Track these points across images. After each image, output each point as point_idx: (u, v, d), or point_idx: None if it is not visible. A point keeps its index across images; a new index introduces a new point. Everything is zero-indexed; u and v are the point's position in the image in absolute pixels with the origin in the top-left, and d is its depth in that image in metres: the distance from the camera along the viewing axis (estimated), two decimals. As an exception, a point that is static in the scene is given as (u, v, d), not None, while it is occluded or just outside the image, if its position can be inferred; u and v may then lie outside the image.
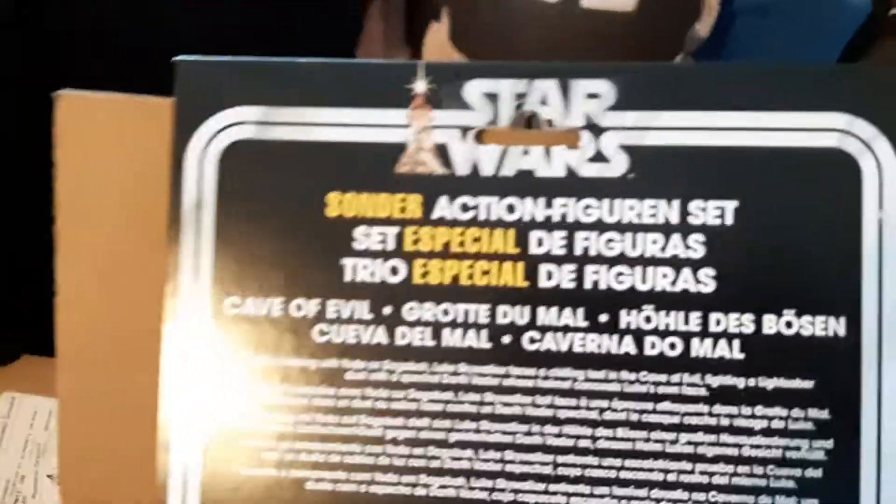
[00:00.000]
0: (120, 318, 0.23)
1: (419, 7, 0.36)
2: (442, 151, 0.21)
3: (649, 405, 0.20)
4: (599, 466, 0.20)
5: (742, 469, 0.19)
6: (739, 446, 0.19)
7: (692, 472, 0.19)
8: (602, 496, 0.19)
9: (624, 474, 0.20)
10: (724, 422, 0.19)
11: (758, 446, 0.19)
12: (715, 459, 0.19)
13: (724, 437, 0.19)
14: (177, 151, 0.21)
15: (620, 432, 0.20)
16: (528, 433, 0.20)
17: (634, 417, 0.20)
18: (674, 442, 0.19)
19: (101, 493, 0.23)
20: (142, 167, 0.22)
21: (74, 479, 0.23)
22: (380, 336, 0.20)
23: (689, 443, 0.19)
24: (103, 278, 0.23)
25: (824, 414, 0.19)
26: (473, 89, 0.21)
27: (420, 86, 0.21)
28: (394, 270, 0.21)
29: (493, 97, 0.20)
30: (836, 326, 0.19)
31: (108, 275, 0.23)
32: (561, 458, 0.20)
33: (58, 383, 0.23)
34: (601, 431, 0.20)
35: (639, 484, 0.19)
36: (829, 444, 0.19)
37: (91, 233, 0.23)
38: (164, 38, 0.25)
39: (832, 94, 0.20)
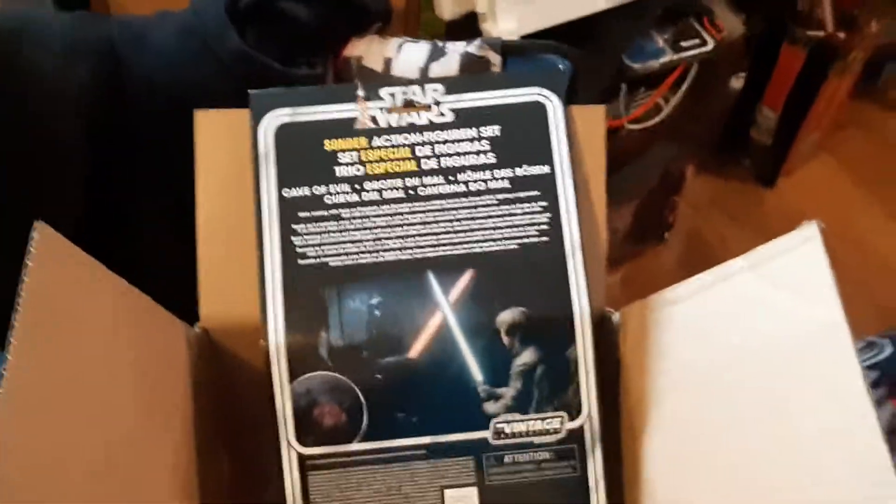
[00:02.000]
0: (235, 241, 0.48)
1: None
2: (373, 119, 0.48)
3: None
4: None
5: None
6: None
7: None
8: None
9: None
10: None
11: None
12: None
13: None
14: (254, 131, 0.47)
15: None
16: (419, 221, 0.46)
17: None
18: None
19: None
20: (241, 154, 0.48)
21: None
22: (354, 196, 0.47)
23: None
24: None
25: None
26: (384, 92, 0.48)
27: (361, 92, 0.48)
28: (357, 169, 0.47)
29: (393, 94, 0.48)
30: (544, 169, 0.47)
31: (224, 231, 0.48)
32: (428, 230, 0.46)
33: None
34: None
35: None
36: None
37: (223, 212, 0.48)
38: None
39: (534, 81, 0.48)
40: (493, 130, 0.47)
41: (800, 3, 0.95)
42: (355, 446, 0.45)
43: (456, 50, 0.55)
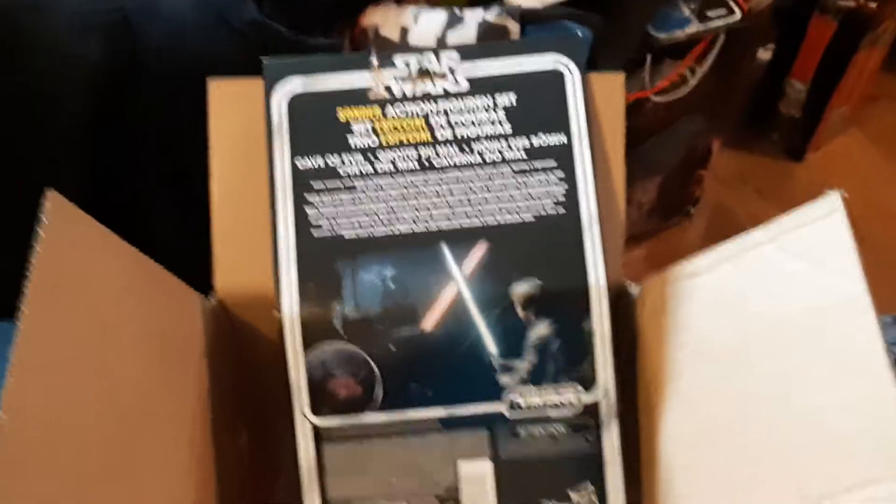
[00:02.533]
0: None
1: None
2: (388, 89, 0.47)
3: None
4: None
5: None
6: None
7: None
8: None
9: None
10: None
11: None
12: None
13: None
14: (267, 100, 0.47)
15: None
16: (433, 192, 0.45)
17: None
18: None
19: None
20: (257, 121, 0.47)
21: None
22: (368, 167, 0.46)
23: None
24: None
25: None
26: (399, 60, 0.47)
27: (375, 60, 0.47)
28: (371, 139, 0.47)
29: (408, 63, 0.47)
30: (561, 139, 0.46)
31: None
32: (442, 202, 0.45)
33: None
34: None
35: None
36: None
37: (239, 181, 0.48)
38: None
39: (551, 47, 0.47)
40: (508, 99, 0.46)
41: (830, -28, 0.92)
42: (370, 418, 0.45)
43: (474, 18, 0.54)
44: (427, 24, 0.55)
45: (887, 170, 1.04)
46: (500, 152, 0.46)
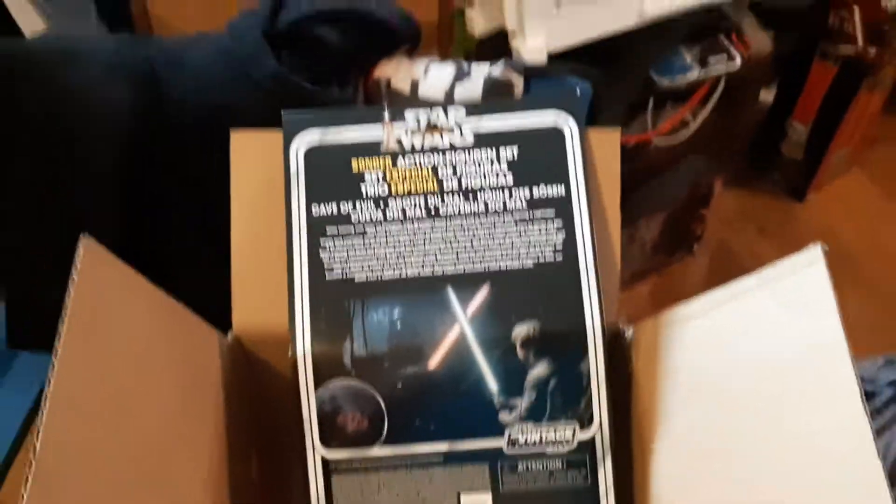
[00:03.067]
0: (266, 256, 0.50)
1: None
2: (399, 142, 0.50)
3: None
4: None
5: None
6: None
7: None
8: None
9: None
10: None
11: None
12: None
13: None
14: (286, 150, 0.50)
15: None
16: (440, 238, 0.48)
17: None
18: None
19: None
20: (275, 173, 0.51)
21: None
22: (379, 214, 0.49)
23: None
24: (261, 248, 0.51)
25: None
26: (409, 114, 0.51)
27: (387, 115, 0.51)
28: (382, 189, 0.50)
29: (418, 118, 0.50)
30: (560, 190, 0.49)
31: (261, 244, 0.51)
32: (448, 247, 0.48)
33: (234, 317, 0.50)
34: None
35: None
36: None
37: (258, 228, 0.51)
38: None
39: (552, 104, 0.50)
40: (511, 152, 0.49)
41: (830, 19, 0.95)
42: (376, 451, 0.47)
43: (480, 73, 0.57)
44: (436, 78, 0.58)
45: (888, 210, 1.07)
46: (503, 202, 0.49)
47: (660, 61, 0.82)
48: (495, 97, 0.57)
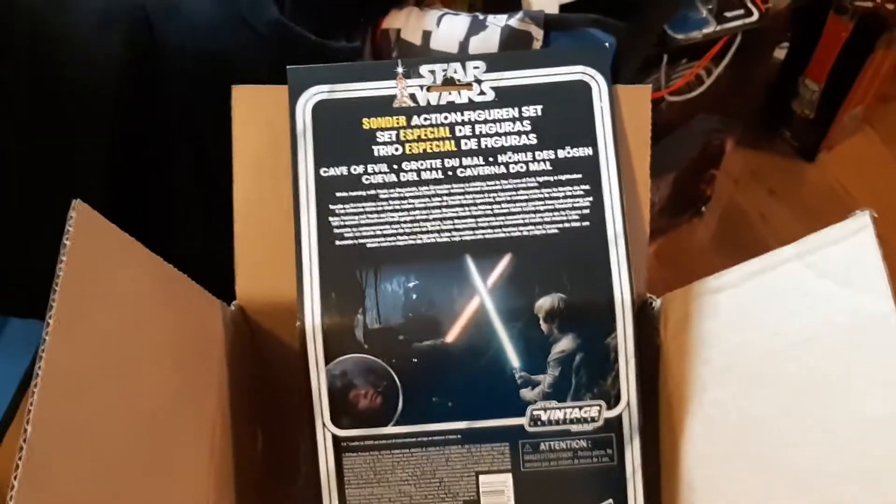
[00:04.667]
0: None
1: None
2: (412, 97, 0.47)
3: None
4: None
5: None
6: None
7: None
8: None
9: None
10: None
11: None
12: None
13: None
14: (292, 108, 0.47)
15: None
16: (457, 203, 0.45)
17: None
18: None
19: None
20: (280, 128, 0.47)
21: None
22: (392, 176, 0.46)
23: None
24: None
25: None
26: (424, 69, 0.47)
27: (400, 69, 0.47)
28: (396, 149, 0.46)
29: (433, 71, 0.47)
30: (587, 151, 0.46)
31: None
32: (466, 213, 0.45)
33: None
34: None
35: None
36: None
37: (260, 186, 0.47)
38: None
39: (578, 58, 0.47)
40: (534, 110, 0.46)
41: (848, -28, 0.91)
42: (390, 429, 0.45)
43: (497, 23, 0.53)
44: (450, 29, 0.54)
45: (900, 171, 1.04)
46: (526, 164, 0.45)
47: (675, 16, 0.79)
48: (513, 50, 0.53)
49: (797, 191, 1.03)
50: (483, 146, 0.46)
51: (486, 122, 0.46)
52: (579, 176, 0.45)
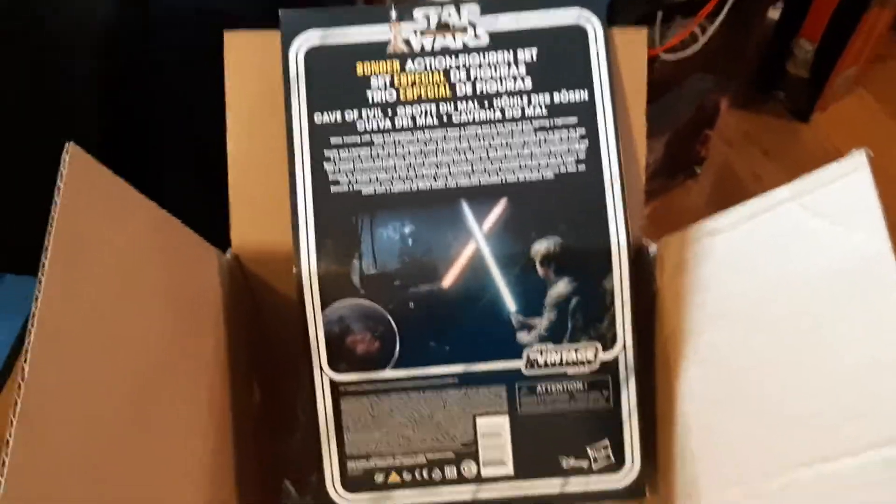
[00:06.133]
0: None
1: None
2: (407, 42, 0.46)
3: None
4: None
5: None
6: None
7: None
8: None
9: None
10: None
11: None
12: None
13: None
14: (285, 53, 0.46)
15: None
16: (452, 148, 0.45)
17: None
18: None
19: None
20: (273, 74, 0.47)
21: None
22: (386, 122, 0.46)
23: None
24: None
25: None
26: (418, 13, 0.46)
27: (393, 14, 0.46)
28: (390, 95, 0.46)
29: (427, 16, 0.46)
30: (583, 95, 0.45)
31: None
32: (462, 158, 0.45)
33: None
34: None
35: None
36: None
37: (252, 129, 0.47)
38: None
39: (574, 1, 0.46)
40: (530, 54, 0.46)
41: (845, -71, 0.91)
42: (388, 373, 0.45)
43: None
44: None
45: (894, 131, 1.04)
46: (521, 108, 0.45)
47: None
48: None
49: (791, 151, 1.03)
50: (478, 91, 0.45)
51: (480, 66, 0.46)
52: (575, 120, 0.45)
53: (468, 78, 0.45)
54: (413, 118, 0.45)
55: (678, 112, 0.94)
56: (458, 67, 0.46)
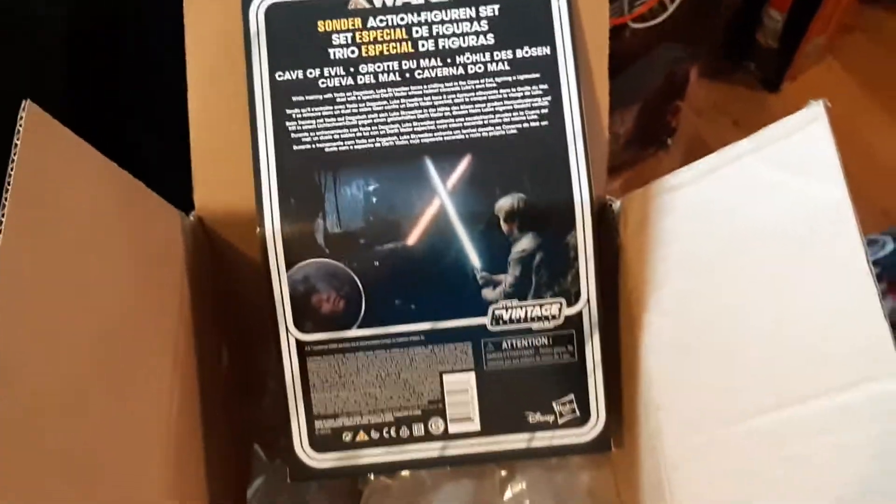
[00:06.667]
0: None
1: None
2: None
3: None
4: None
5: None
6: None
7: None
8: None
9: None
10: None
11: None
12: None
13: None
14: (245, 11, 0.46)
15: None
16: (415, 105, 0.45)
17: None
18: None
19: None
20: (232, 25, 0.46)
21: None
22: (349, 79, 0.45)
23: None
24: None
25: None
26: (380, -30, 0.46)
27: (355, -29, 0.46)
28: (352, 52, 0.46)
29: (388, -27, 0.46)
30: (545, 51, 0.45)
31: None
32: (425, 115, 0.45)
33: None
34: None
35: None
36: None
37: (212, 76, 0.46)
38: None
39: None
40: (492, 10, 0.45)
41: None
42: (354, 332, 0.45)
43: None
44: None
45: (862, 100, 1.05)
46: (484, 65, 0.45)
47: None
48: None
49: (761, 121, 1.03)
50: (440, 47, 0.45)
51: (442, 22, 0.45)
52: (537, 75, 0.45)
53: (430, 34, 0.45)
54: (375, 75, 0.45)
55: (648, 81, 0.94)
56: (419, 24, 0.45)
